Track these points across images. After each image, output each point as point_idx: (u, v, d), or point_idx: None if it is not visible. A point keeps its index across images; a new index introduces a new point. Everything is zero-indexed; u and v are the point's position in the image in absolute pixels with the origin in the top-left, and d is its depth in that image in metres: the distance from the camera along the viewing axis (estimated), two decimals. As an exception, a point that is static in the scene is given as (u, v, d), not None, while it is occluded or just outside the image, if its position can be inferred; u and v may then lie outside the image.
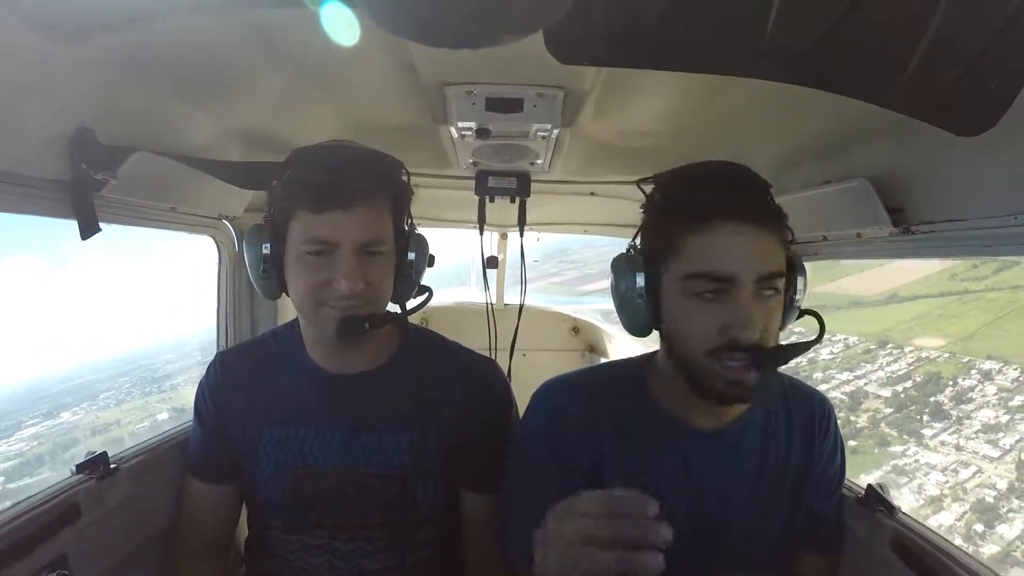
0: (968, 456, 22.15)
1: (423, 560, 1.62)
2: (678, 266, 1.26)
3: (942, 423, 23.24)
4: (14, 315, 53.52)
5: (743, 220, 1.22)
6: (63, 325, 50.48)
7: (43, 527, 1.36)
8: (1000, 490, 20.68)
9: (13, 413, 15.08)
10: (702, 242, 1.23)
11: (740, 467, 1.42)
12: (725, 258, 1.22)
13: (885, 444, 22.77)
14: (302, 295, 1.40)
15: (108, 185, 1.45)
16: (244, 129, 1.88)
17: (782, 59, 0.93)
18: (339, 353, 1.55)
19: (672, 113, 1.77)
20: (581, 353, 4.49)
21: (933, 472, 21.71)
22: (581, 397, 1.47)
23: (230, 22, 1.29)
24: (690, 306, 1.26)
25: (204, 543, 1.66)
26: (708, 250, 1.23)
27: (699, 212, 1.24)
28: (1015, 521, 19.85)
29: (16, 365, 39.99)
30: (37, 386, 17.64)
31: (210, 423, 1.63)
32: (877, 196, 1.48)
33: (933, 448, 22.62)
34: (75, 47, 1.17)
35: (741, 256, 1.21)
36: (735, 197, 1.24)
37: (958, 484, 21.14)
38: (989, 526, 20.04)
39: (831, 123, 1.56)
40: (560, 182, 2.68)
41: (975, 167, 1.26)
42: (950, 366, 24.92)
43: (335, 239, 1.35)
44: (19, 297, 46.33)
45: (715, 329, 1.22)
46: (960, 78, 0.91)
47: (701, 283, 1.23)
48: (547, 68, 1.26)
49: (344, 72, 1.58)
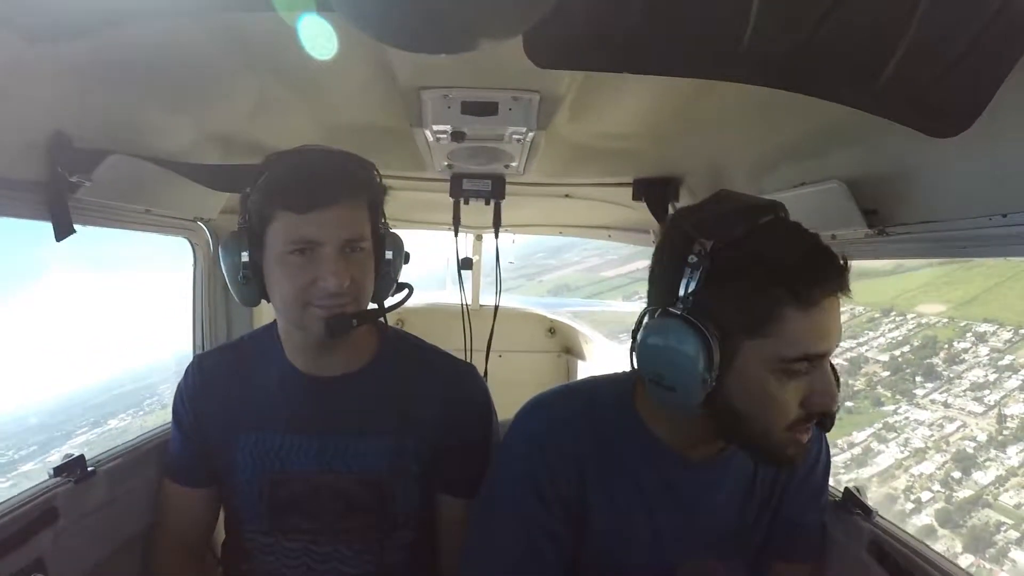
0: (955, 412, 23.84)
1: (400, 564, 1.62)
2: (774, 346, 1.11)
3: (934, 383, 25.00)
4: (60, 326, 52.57)
5: (835, 292, 1.12)
6: (101, 334, 49.57)
7: (20, 530, 1.35)
8: (980, 442, 22.64)
9: (62, 424, 15.08)
10: (809, 322, 1.10)
11: (730, 492, 1.39)
12: (826, 337, 1.12)
13: (879, 404, 24.74)
14: (288, 297, 1.40)
15: (83, 187, 1.44)
16: (221, 133, 1.87)
17: (760, 63, 0.95)
18: (319, 356, 1.55)
19: (649, 116, 1.78)
20: (557, 354, 4.49)
21: (920, 427, 23.58)
22: (565, 425, 1.37)
23: (206, 27, 1.29)
24: (778, 383, 1.13)
25: (181, 546, 1.65)
26: (814, 330, 1.11)
27: (810, 286, 1.09)
28: (989, 469, 21.66)
29: (63, 375, 39.19)
30: (83, 395, 17.47)
31: (188, 427, 1.62)
32: (852, 198, 1.50)
33: (923, 406, 24.25)
34: (52, 51, 1.16)
35: (835, 332, 1.14)
36: (833, 266, 1.12)
37: (942, 437, 23.01)
38: (966, 473, 21.88)
39: (807, 125, 1.58)
40: (535, 184, 2.69)
41: (950, 169, 1.28)
42: (947, 330, 26.54)
43: (319, 238, 1.35)
44: (66, 308, 45.22)
45: (797, 403, 1.13)
46: (936, 81, 0.93)
47: (801, 364, 1.11)
48: (523, 72, 1.27)
49: (321, 76, 1.59)
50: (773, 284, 1.09)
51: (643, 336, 1.18)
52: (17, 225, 1.44)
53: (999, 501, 21.39)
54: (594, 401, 1.40)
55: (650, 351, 1.17)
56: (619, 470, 1.34)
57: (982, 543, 20.19)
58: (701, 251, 1.11)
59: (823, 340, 1.11)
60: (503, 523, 1.36)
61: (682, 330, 1.11)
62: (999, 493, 21.60)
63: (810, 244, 1.13)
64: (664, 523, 1.35)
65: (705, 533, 1.38)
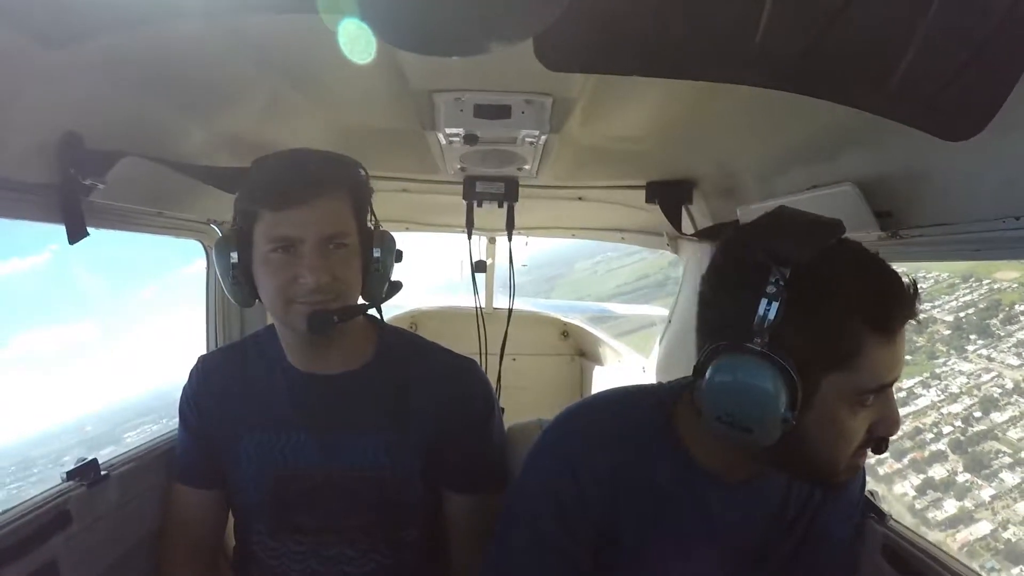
0: (995, 365, 30.26)
1: (406, 563, 1.62)
2: (854, 379, 1.05)
3: (984, 340, 31.34)
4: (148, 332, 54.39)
5: (910, 319, 1.08)
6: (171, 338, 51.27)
7: (33, 534, 1.35)
8: (1006, 389, 29.35)
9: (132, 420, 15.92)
10: (888, 352, 1.06)
11: (763, 512, 1.34)
12: (900, 365, 1.09)
13: (933, 357, 31.05)
14: (272, 295, 1.42)
15: (96, 190, 1.44)
16: (233, 135, 1.87)
17: (770, 66, 0.94)
18: (315, 354, 1.56)
19: (660, 119, 1.78)
20: (571, 357, 4.48)
21: (960, 376, 30.18)
22: (600, 443, 1.29)
23: (218, 29, 1.29)
24: (851, 414, 1.08)
25: (193, 549, 1.65)
26: (892, 360, 1.07)
27: (890, 317, 1.05)
28: (1006, 411, 28.47)
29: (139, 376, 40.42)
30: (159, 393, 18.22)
31: (194, 427, 1.63)
32: (865, 201, 1.48)
33: (969, 359, 30.59)
34: (64, 52, 1.17)
35: (904, 358, 1.11)
36: (908, 293, 1.07)
37: (976, 385, 29.74)
38: (986, 413, 28.67)
39: (818, 128, 1.57)
40: (548, 187, 2.69)
41: (963, 171, 1.27)
42: (1014, 295, 31.57)
43: (298, 235, 1.37)
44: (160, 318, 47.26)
45: (865, 430, 1.09)
46: (948, 83, 0.92)
47: (872, 396, 1.07)
48: (535, 75, 1.27)
49: (333, 79, 1.59)
50: (852, 314, 1.03)
51: (714, 374, 1.08)
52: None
53: (1005, 435, 27.91)
54: (631, 417, 1.33)
55: (723, 390, 1.08)
56: (653, 490, 1.28)
57: (979, 465, 27.22)
58: (779, 280, 1.02)
59: (898, 368, 1.08)
60: (520, 537, 1.33)
61: (763, 368, 1.03)
62: (1007, 429, 28.03)
63: (883, 269, 1.07)
64: (696, 544, 1.32)
65: (735, 553, 1.35)
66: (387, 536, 1.59)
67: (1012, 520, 25.15)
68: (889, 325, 1.04)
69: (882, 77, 0.92)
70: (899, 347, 1.07)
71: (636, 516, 1.28)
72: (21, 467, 36.15)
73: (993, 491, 26.09)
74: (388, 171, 2.55)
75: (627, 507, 1.28)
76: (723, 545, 1.32)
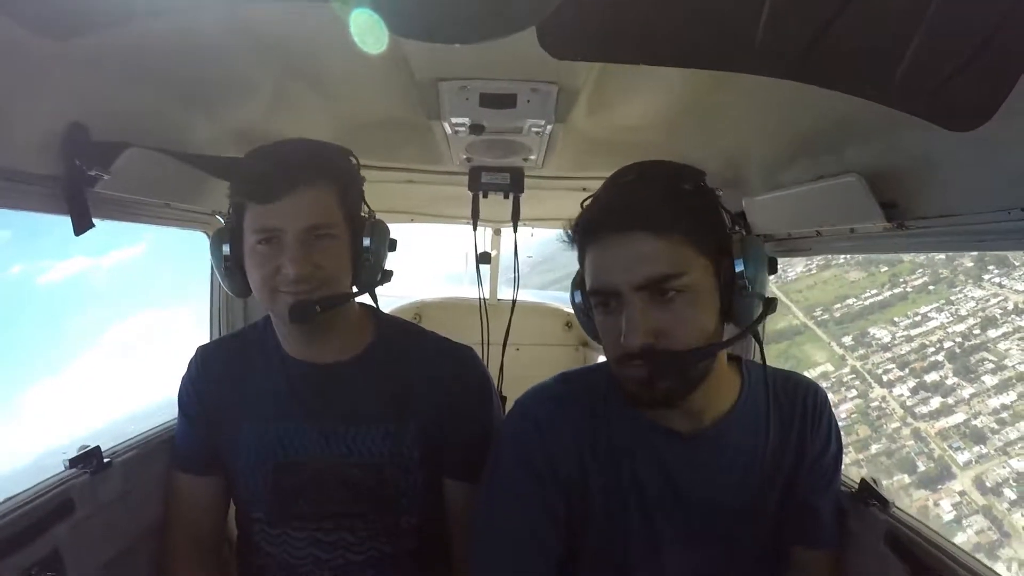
0: (1004, 291, 36.89)
1: (407, 550, 1.64)
2: (588, 283, 1.29)
3: (1001, 270, 37.55)
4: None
5: (621, 229, 1.23)
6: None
7: (36, 522, 1.35)
8: (1007, 309, 36.48)
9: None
10: (593, 257, 1.27)
11: (724, 468, 1.39)
12: (604, 271, 1.25)
13: (952, 286, 37.77)
14: (258, 285, 1.45)
15: (101, 181, 1.44)
16: (238, 127, 1.87)
17: (776, 55, 0.94)
18: (310, 342, 1.57)
19: (666, 109, 1.77)
20: (575, 348, 4.47)
21: (971, 301, 37.14)
22: (563, 410, 1.43)
23: (223, 21, 1.29)
24: (600, 319, 1.29)
25: (195, 538, 1.66)
26: (596, 265, 1.26)
27: (591, 227, 1.29)
28: (1002, 327, 36.22)
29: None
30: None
31: (194, 415, 1.65)
32: (870, 191, 1.47)
33: (982, 287, 37.78)
34: (70, 45, 1.17)
35: (618, 267, 1.22)
36: (616, 204, 1.29)
37: (983, 308, 36.90)
38: (983, 330, 36.11)
39: (824, 119, 1.56)
40: (553, 178, 2.68)
41: (968, 163, 1.26)
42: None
43: (280, 226, 1.40)
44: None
45: (616, 339, 1.23)
46: (955, 74, 0.91)
47: (599, 298, 1.27)
48: (541, 64, 1.26)
49: (337, 70, 1.58)
50: (574, 229, 1.35)
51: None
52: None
53: (996, 347, 35.01)
54: (587, 382, 1.46)
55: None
56: (614, 451, 1.39)
57: (967, 371, 34.28)
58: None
59: (604, 275, 1.24)
60: (503, 505, 1.39)
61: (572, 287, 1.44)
62: (998, 342, 35.24)
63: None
64: (660, 503, 1.37)
65: (706, 513, 1.39)
66: (386, 523, 1.61)
67: (983, 412, 32.40)
68: (593, 231, 1.28)
69: (888, 67, 0.92)
70: (606, 254, 1.24)
71: (601, 476, 1.38)
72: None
73: (973, 390, 33.48)
74: (394, 162, 2.54)
75: (592, 467, 1.39)
76: (691, 506, 1.38)
